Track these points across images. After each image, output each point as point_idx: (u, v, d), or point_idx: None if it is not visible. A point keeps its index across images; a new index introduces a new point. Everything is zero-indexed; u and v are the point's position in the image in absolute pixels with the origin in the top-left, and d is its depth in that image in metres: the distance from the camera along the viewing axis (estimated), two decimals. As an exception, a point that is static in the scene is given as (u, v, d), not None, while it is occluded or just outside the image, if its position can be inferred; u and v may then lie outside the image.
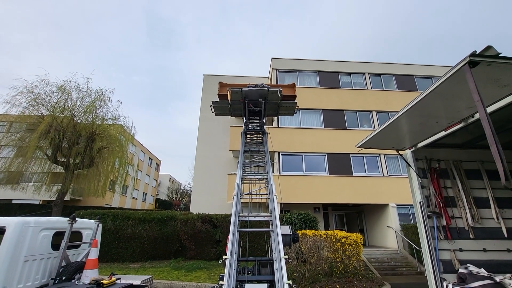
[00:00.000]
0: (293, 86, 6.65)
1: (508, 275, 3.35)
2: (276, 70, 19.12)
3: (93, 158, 15.01)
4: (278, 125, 17.16)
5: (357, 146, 4.29)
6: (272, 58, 19.56)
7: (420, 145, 4.24)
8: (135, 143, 32.92)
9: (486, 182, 4.25)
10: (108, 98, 16.06)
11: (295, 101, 6.64)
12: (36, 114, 14.31)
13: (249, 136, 7.08)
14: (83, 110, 15.11)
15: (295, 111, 6.86)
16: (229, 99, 5.82)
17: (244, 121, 6.79)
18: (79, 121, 15.08)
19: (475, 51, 2.15)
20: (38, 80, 14.58)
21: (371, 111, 18.14)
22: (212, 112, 6.76)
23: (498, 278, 3.25)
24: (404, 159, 4.45)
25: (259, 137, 7.00)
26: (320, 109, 17.73)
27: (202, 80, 22.45)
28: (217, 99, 6.58)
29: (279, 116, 9.76)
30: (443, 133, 3.69)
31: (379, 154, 16.54)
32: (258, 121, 7.07)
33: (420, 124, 3.49)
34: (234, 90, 5.68)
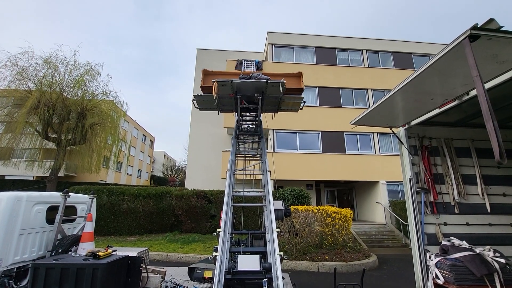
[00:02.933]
0: (299, 75, 5.26)
1: (487, 247, 3.53)
2: (272, 45, 18.52)
3: (85, 134, 14.76)
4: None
5: (351, 123, 4.28)
6: (268, 32, 18.85)
7: (413, 122, 4.25)
8: (128, 119, 32.34)
9: (475, 160, 4.35)
10: (98, 73, 15.49)
11: (302, 95, 5.27)
12: (23, 88, 13.76)
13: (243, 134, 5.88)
14: (71, 85, 14.57)
15: (301, 107, 5.52)
16: (215, 95, 4.48)
17: (236, 118, 5.60)
18: (68, 96, 14.61)
19: (477, 24, 2.07)
20: (22, 52, 13.88)
21: (367, 89, 18.00)
22: (196, 107, 5.49)
23: (478, 249, 3.43)
24: (397, 137, 4.48)
25: (254, 139, 5.79)
26: (316, 87, 17.49)
27: (196, 55, 21.69)
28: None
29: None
30: (437, 111, 3.69)
31: (373, 133, 16.70)
32: (254, 118, 5.91)
33: (415, 101, 3.47)
34: (221, 82, 4.35)
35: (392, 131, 4.49)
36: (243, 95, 4.69)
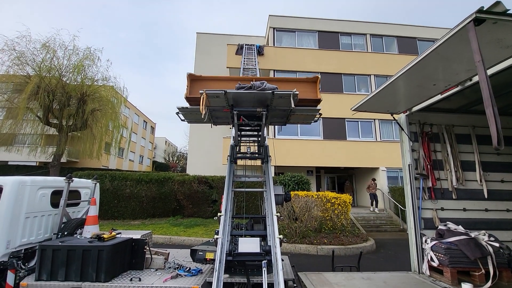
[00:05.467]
0: (316, 80, 3.94)
1: (482, 231, 3.61)
2: (274, 28, 18.08)
3: (86, 120, 14.77)
4: (274, 88, 16.77)
5: (352, 109, 4.26)
6: (269, 15, 18.35)
7: (415, 109, 4.23)
8: (128, 105, 32.19)
9: (475, 147, 4.35)
10: (97, 58, 15.31)
11: (318, 107, 3.95)
12: (21, 73, 13.66)
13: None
14: (71, 70, 14.44)
15: (315, 120, 4.27)
16: (204, 111, 3.27)
17: (233, 133, 4.52)
18: (68, 81, 14.50)
19: (482, 7, 2.02)
20: (19, 36, 13.69)
21: (370, 75, 17.73)
22: (182, 120, 4.22)
23: (473, 234, 3.51)
24: (397, 123, 4.47)
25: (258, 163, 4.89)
26: (318, 72, 17.20)
27: (195, 39, 21.24)
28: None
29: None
30: (439, 97, 3.66)
31: (374, 119, 16.60)
32: (256, 133, 4.81)
33: (417, 87, 3.43)
34: (212, 93, 3.31)
35: (393, 117, 4.48)
36: (242, 110, 3.67)
